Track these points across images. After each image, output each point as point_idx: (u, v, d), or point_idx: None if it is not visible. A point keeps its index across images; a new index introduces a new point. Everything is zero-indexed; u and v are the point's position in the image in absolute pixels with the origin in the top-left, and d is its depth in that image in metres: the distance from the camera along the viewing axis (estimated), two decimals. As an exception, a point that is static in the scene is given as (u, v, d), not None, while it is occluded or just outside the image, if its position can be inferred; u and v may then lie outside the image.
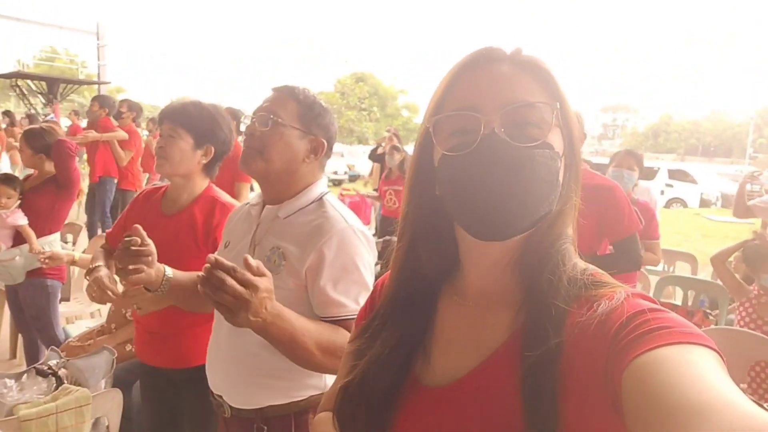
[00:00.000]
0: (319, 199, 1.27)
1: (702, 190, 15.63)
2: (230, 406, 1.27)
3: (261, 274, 0.92)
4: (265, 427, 1.24)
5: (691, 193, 15.70)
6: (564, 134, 0.62)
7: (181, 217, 1.67)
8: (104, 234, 2.45)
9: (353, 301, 1.19)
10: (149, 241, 1.21)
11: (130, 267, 1.17)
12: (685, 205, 15.43)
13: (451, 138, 0.61)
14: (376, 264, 1.26)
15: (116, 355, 2.18)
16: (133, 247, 1.18)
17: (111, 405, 1.90)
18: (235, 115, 3.94)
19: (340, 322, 1.16)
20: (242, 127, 1.30)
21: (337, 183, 17.66)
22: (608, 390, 0.50)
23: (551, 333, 0.55)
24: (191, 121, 1.61)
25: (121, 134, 5.34)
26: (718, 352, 0.47)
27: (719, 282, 3.73)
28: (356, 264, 1.20)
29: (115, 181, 5.67)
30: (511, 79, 0.60)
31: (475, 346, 0.63)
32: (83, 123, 7.59)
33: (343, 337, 1.12)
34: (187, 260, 1.49)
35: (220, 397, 1.29)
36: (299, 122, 1.24)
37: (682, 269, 4.58)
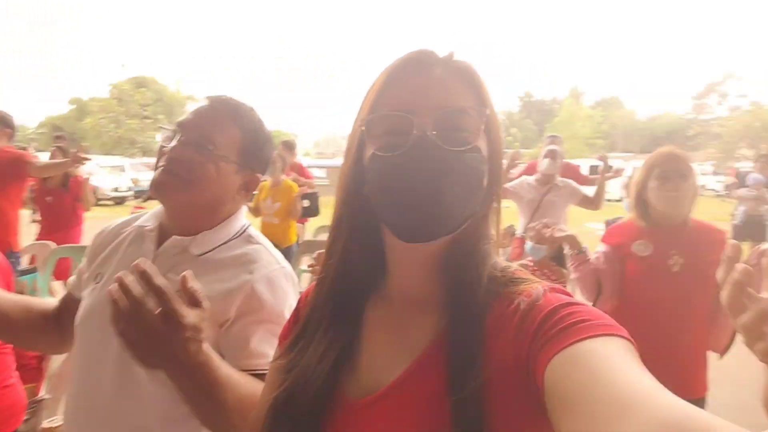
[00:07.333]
0: (244, 232, 1.10)
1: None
2: None
3: (196, 304, 0.69)
4: None
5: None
6: (489, 140, 0.63)
7: None
8: None
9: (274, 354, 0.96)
10: None
11: None
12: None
13: (383, 138, 0.61)
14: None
15: None
16: None
17: None
18: (5, 120, 3.61)
19: (261, 376, 0.88)
20: (158, 138, 1.18)
21: (119, 201, 15.69)
22: (531, 387, 0.51)
23: (473, 332, 0.57)
24: None
25: None
26: (630, 340, 0.50)
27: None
28: (285, 313, 1.00)
29: None
30: (444, 83, 0.61)
31: (401, 351, 0.62)
32: None
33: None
34: None
35: None
36: (238, 155, 1.06)
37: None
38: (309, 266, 2.11)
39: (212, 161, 1.02)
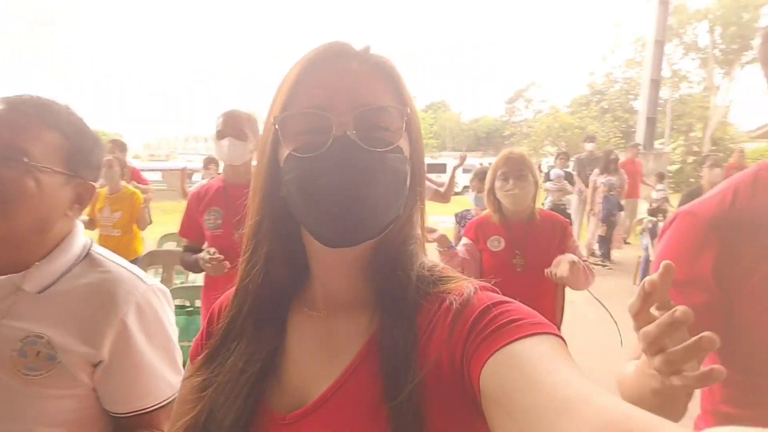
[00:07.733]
0: (87, 254, 0.94)
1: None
2: None
3: None
4: None
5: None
6: (411, 139, 0.61)
7: None
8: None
9: (166, 384, 0.92)
10: None
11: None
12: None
13: (300, 137, 0.57)
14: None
15: None
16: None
17: None
18: None
19: (148, 415, 0.88)
20: None
21: None
22: (467, 389, 0.50)
23: (406, 333, 0.55)
24: None
25: None
26: (560, 337, 0.50)
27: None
28: (167, 336, 0.94)
29: None
30: (362, 79, 0.57)
31: (329, 359, 0.59)
32: None
33: None
34: None
35: None
36: (64, 163, 0.88)
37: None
38: (208, 261, 1.96)
39: (29, 175, 0.84)
